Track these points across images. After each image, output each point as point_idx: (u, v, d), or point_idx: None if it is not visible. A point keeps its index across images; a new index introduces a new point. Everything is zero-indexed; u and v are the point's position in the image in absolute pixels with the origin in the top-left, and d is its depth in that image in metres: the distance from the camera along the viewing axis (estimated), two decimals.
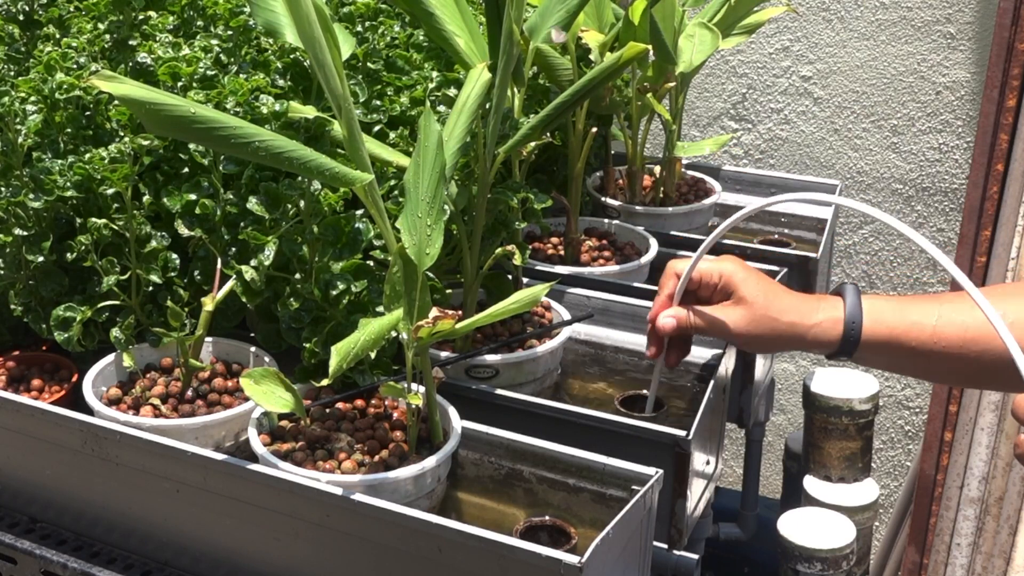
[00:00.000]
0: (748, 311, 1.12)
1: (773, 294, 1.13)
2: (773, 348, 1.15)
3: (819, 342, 1.11)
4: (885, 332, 1.09)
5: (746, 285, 1.12)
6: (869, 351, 1.10)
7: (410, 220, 1.06)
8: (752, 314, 1.12)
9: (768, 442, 2.51)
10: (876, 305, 1.11)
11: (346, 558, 1.03)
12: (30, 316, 1.29)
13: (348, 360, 0.98)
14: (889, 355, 1.10)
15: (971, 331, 1.06)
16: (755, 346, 1.15)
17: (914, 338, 1.08)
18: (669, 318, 1.16)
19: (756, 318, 1.12)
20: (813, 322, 1.11)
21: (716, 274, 1.14)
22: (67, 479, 1.18)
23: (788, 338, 1.12)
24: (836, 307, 1.11)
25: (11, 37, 1.50)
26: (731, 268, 1.14)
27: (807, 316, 1.11)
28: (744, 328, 1.12)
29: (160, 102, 0.93)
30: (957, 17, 2.41)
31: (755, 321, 1.12)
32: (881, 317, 1.09)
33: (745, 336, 1.13)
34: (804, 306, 1.12)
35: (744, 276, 1.14)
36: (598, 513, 1.08)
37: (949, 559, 2.31)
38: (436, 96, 1.42)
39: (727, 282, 1.14)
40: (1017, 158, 2.20)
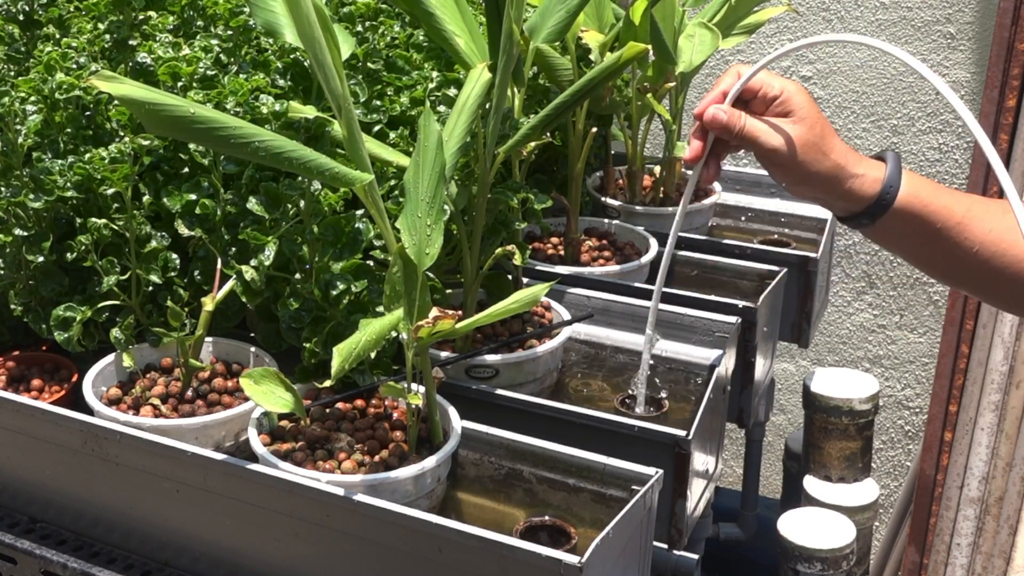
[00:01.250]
0: (802, 133, 1.05)
1: (828, 128, 1.07)
2: (808, 184, 1.07)
3: (853, 195, 1.06)
4: (918, 205, 1.05)
5: (806, 109, 1.06)
6: (896, 220, 1.06)
7: (410, 220, 1.06)
8: (804, 138, 1.05)
9: (768, 442, 2.51)
10: (914, 178, 1.07)
11: (346, 558, 1.03)
12: (30, 316, 1.29)
13: (350, 361, 0.98)
14: (913, 230, 1.07)
15: (994, 233, 1.05)
16: (794, 175, 1.07)
17: (942, 220, 1.05)
18: (720, 112, 1.06)
19: (807, 144, 1.05)
20: (855, 172, 1.05)
21: (778, 88, 1.06)
22: (67, 479, 1.18)
23: (826, 178, 1.06)
24: (879, 168, 1.07)
25: (11, 37, 1.50)
26: (794, 88, 1.07)
27: (852, 164, 1.06)
28: (792, 150, 1.04)
29: (160, 102, 0.93)
30: (957, 17, 2.41)
31: (805, 147, 1.05)
32: (917, 190, 1.06)
33: (790, 161, 1.05)
34: (852, 155, 1.07)
35: (806, 100, 1.06)
36: (598, 513, 1.08)
37: (949, 559, 2.31)
38: (436, 96, 1.42)
39: (787, 99, 1.06)
40: (1017, 158, 2.20)
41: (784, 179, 1.09)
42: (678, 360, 1.39)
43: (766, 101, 1.07)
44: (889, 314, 2.64)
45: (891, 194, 1.05)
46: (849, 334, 2.70)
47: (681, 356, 1.39)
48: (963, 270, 1.08)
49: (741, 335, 1.41)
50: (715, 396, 1.28)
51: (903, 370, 2.67)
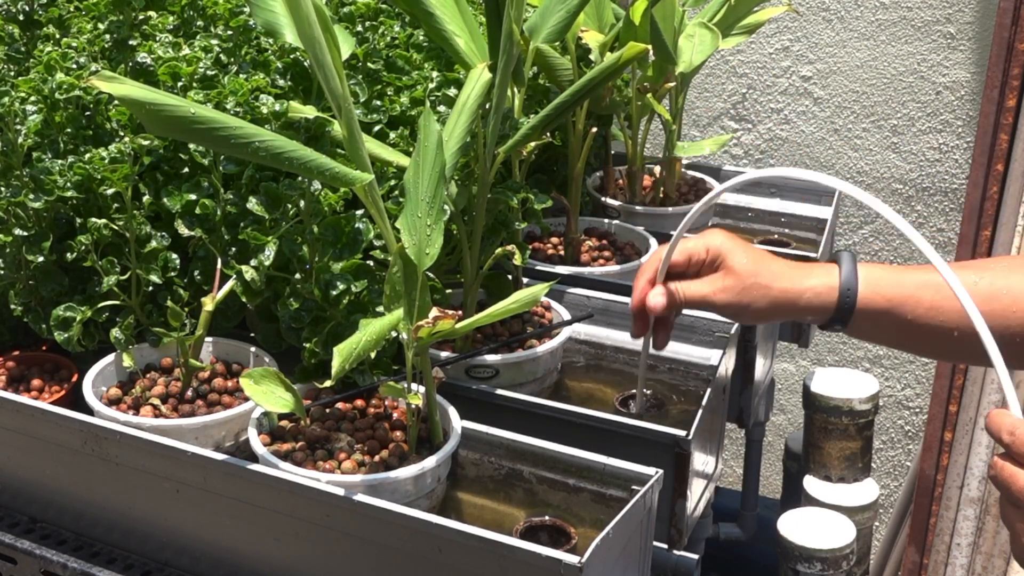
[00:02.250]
0: (737, 281, 1.08)
1: (763, 261, 1.09)
2: (766, 317, 1.11)
3: (812, 308, 1.07)
4: (882, 302, 1.05)
5: (734, 255, 1.09)
6: (865, 320, 1.06)
7: (410, 220, 1.06)
8: (742, 283, 1.08)
9: (768, 442, 2.50)
10: (873, 273, 1.07)
11: (346, 558, 1.03)
12: (30, 316, 1.29)
13: (351, 361, 0.98)
14: (885, 326, 1.07)
15: None
16: (748, 316, 1.10)
17: (910, 310, 1.04)
18: (659, 297, 1.11)
19: (746, 287, 1.08)
20: (806, 286, 1.07)
21: (703, 249, 1.10)
22: (67, 479, 1.18)
23: (780, 305, 1.08)
24: (831, 273, 1.07)
25: (11, 37, 1.50)
26: (718, 240, 1.11)
27: (799, 281, 1.07)
28: (734, 298, 1.08)
29: (160, 102, 0.93)
30: (957, 17, 2.41)
31: (745, 290, 1.08)
32: (878, 286, 1.05)
33: (736, 306, 1.09)
34: (796, 272, 1.08)
35: (732, 246, 1.10)
36: (598, 513, 1.08)
37: (949, 559, 2.31)
38: (436, 96, 1.42)
39: (715, 255, 1.10)
40: (1017, 158, 2.20)
41: (742, 321, 1.14)
42: (678, 360, 1.39)
43: (699, 263, 1.11)
44: None
45: (851, 298, 1.05)
46: None
47: (681, 356, 1.39)
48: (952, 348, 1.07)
49: (741, 335, 1.41)
50: (715, 396, 1.28)
51: (903, 370, 2.67)
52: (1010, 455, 0.83)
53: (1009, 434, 0.82)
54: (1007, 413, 0.84)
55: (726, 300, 1.09)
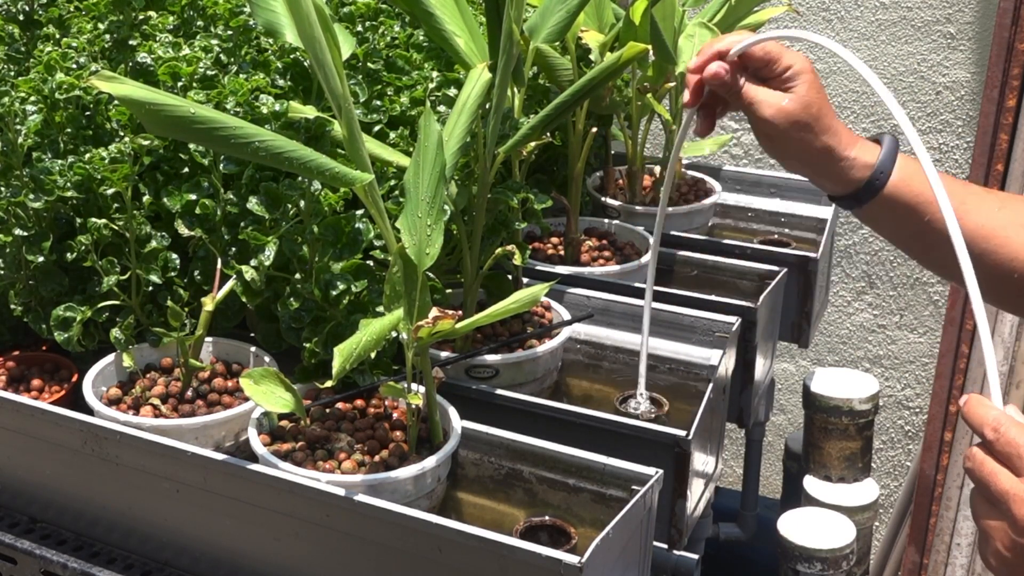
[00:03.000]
0: (795, 110, 1.03)
1: (826, 109, 1.05)
2: (795, 160, 1.08)
3: (841, 177, 1.05)
4: (908, 195, 1.04)
5: (807, 87, 1.04)
6: (885, 207, 1.05)
7: (410, 220, 1.06)
8: (798, 116, 1.04)
9: (768, 442, 2.50)
10: (908, 165, 1.05)
11: (346, 558, 1.03)
12: (30, 316, 1.29)
13: (351, 361, 0.98)
14: (901, 220, 1.06)
15: (985, 228, 1.03)
16: (781, 149, 1.07)
17: (932, 212, 1.03)
18: (721, 69, 1.05)
19: (798, 121, 1.04)
20: (845, 155, 1.04)
21: (786, 62, 1.05)
22: (67, 479, 1.18)
23: (814, 158, 1.05)
24: (871, 151, 1.05)
25: (11, 37, 1.50)
26: (802, 65, 1.06)
27: (844, 147, 1.05)
28: (783, 123, 1.04)
29: (160, 102, 0.93)
30: (957, 17, 2.41)
31: (797, 124, 1.04)
32: (909, 179, 1.04)
33: (779, 133, 1.05)
34: (845, 136, 1.05)
35: (810, 79, 1.05)
36: (598, 513, 1.08)
37: (949, 559, 2.31)
38: (436, 96, 1.42)
39: (792, 75, 1.04)
40: (1017, 158, 2.20)
41: (772, 152, 1.09)
42: (678, 360, 1.39)
43: (772, 72, 1.06)
44: (889, 314, 2.64)
45: (880, 180, 1.04)
46: (849, 334, 2.70)
47: (681, 356, 1.39)
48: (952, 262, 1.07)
49: (741, 335, 1.41)
50: (715, 396, 1.28)
51: (903, 370, 2.67)
52: (991, 452, 0.80)
53: (993, 430, 0.79)
54: (990, 405, 0.81)
55: (775, 118, 1.04)
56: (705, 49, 1.06)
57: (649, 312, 1.24)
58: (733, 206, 1.91)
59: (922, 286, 2.58)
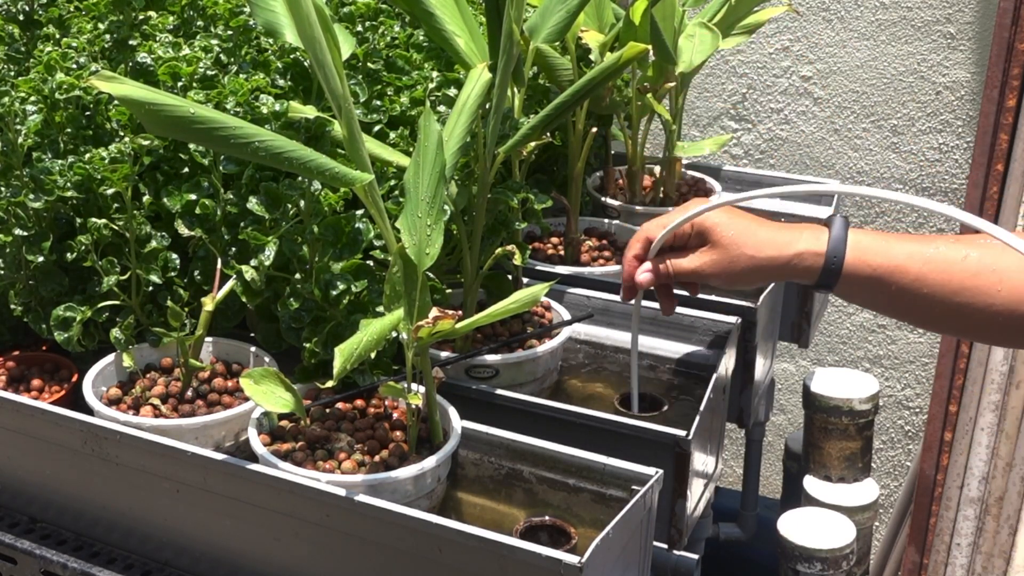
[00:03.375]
0: (723, 253, 1.11)
1: (748, 231, 1.11)
2: (757, 282, 1.14)
3: (800, 273, 1.09)
4: (868, 270, 1.06)
5: (719, 228, 1.11)
6: (851, 286, 1.08)
7: (410, 220, 1.06)
8: (728, 255, 1.11)
9: (768, 442, 2.51)
10: (862, 241, 1.08)
11: (346, 558, 1.03)
12: (30, 316, 1.29)
13: (352, 361, 0.98)
14: (871, 293, 1.08)
15: (955, 280, 1.04)
16: (738, 283, 1.13)
17: (897, 280, 1.05)
18: (646, 273, 1.16)
19: (732, 258, 1.11)
20: (793, 252, 1.09)
21: (687, 225, 1.14)
22: (67, 479, 1.18)
23: (768, 271, 1.11)
24: (819, 238, 1.09)
25: (11, 37, 1.50)
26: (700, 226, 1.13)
27: (786, 248, 1.09)
28: (722, 270, 1.12)
29: (160, 102, 0.93)
30: (957, 17, 2.41)
31: (732, 261, 1.11)
32: (865, 254, 1.06)
33: (724, 277, 1.12)
34: (783, 237, 1.10)
35: (716, 221, 1.12)
36: (598, 513, 1.08)
37: (949, 559, 2.31)
38: (436, 96, 1.42)
39: (700, 229, 1.13)
40: (1017, 158, 2.20)
41: (732, 288, 1.17)
42: (678, 360, 1.39)
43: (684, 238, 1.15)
44: None
45: (836, 265, 1.07)
46: (849, 334, 2.70)
47: (681, 356, 1.39)
48: (932, 319, 1.08)
49: (741, 335, 1.41)
50: (715, 396, 1.28)
51: (903, 370, 2.67)
52: None
53: None
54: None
55: (715, 272, 1.12)
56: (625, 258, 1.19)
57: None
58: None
59: None
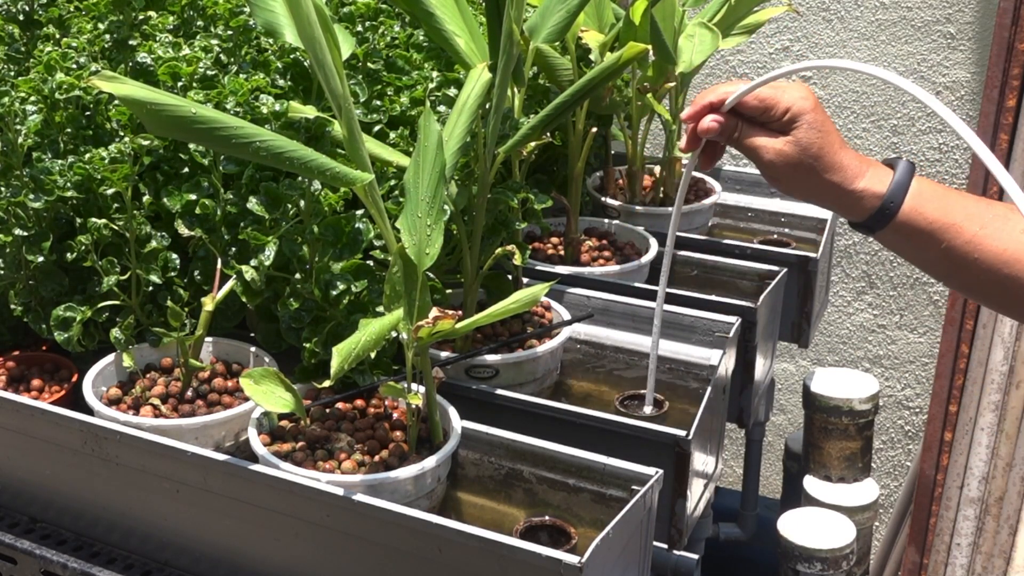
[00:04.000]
0: (796, 153, 1.05)
1: (828, 147, 1.06)
2: (806, 198, 1.10)
3: (853, 209, 1.06)
4: (922, 223, 1.03)
5: (807, 129, 1.05)
6: (899, 234, 1.05)
7: (410, 220, 1.06)
8: (799, 159, 1.05)
9: (768, 442, 2.50)
10: (923, 191, 1.04)
11: (346, 558, 1.03)
12: (30, 316, 1.29)
13: (350, 361, 0.98)
14: (919, 247, 1.05)
15: (1008, 252, 1.01)
16: (789, 188, 1.09)
17: (949, 239, 1.02)
18: (712, 123, 1.07)
19: (800, 163, 1.05)
20: (853, 188, 1.05)
21: (782, 106, 1.07)
22: (67, 479, 1.18)
23: (822, 194, 1.07)
24: (883, 180, 1.05)
25: (11, 37, 1.50)
26: (802, 106, 1.07)
27: (850, 180, 1.05)
28: (785, 167, 1.06)
29: (162, 103, 0.93)
30: (957, 17, 2.41)
31: (799, 165, 1.05)
32: (922, 207, 1.03)
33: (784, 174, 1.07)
34: (852, 169, 1.06)
35: (812, 119, 1.06)
36: (598, 513, 1.08)
37: (949, 559, 2.31)
38: (436, 96, 1.42)
39: (791, 116, 1.06)
40: (1017, 158, 2.20)
41: (780, 189, 1.11)
42: (678, 360, 1.39)
43: (771, 118, 1.07)
44: (889, 314, 2.64)
45: (890, 210, 1.04)
46: (849, 334, 2.70)
47: (681, 356, 1.39)
48: (976, 285, 1.05)
49: (741, 335, 1.41)
50: (715, 396, 1.28)
51: (903, 370, 2.67)
52: None
53: None
54: None
55: (778, 164, 1.06)
56: (698, 99, 1.09)
57: (659, 323, 1.24)
58: (733, 206, 1.91)
59: (922, 286, 2.58)
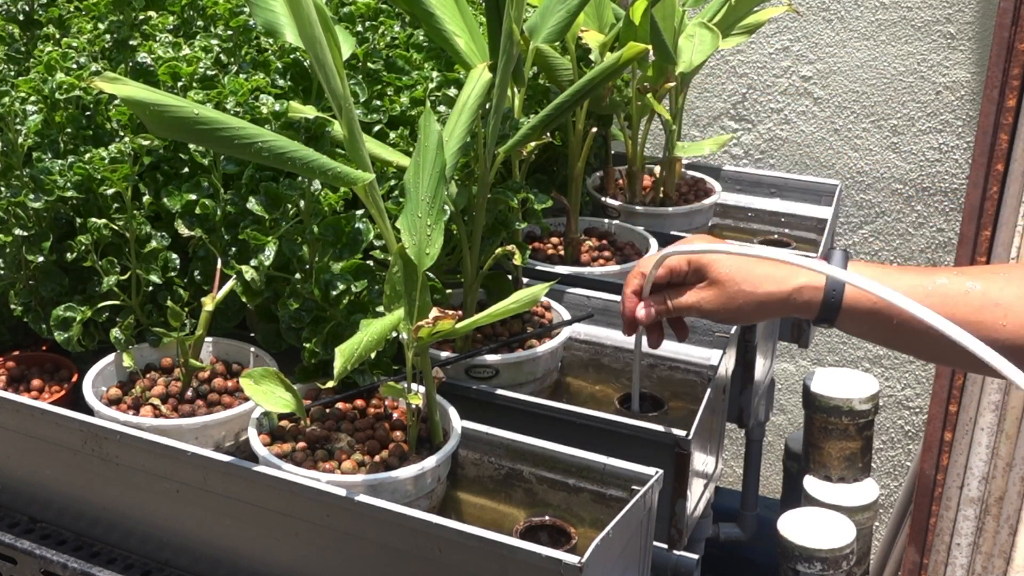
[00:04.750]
0: (722, 290, 1.11)
1: (745, 267, 1.10)
2: (757, 318, 1.14)
3: (800, 308, 1.09)
4: (868, 304, 1.06)
5: (716, 265, 1.11)
6: (852, 320, 1.08)
7: (410, 220, 1.06)
8: (726, 292, 1.10)
9: (768, 442, 2.51)
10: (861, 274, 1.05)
11: (346, 558, 1.03)
12: (30, 316, 1.29)
13: (352, 361, 0.98)
14: (872, 327, 1.08)
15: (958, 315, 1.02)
16: (738, 320, 1.14)
17: (898, 315, 1.04)
18: (643, 310, 1.15)
19: (731, 295, 1.10)
20: (792, 287, 1.09)
21: (684, 262, 1.14)
22: (67, 479, 1.18)
23: (768, 307, 1.10)
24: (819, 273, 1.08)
25: (11, 37, 1.50)
26: (699, 262, 1.13)
27: (784, 283, 1.09)
28: (721, 306, 1.11)
29: (163, 103, 0.93)
30: (957, 17, 2.41)
31: (731, 298, 1.10)
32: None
33: (724, 313, 1.12)
34: (781, 272, 1.09)
35: (712, 258, 1.12)
36: (598, 513, 1.08)
37: (949, 559, 2.31)
38: (436, 96, 1.42)
39: (696, 266, 1.13)
40: (1017, 158, 2.20)
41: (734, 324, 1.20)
42: (678, 360, 1.39)
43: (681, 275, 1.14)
44: None
45: (836, 299, 1.07)
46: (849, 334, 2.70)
47: (681, 356, 1.39)
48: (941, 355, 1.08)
49: (741, 335, 1.41)
50: (715, 396, 1.28)
51: (903, 370, 2.67)
52: None
53: None
54: None
55: (714, 308, 1.12)
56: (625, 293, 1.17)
57: None
58: (733, 206, 1.91)
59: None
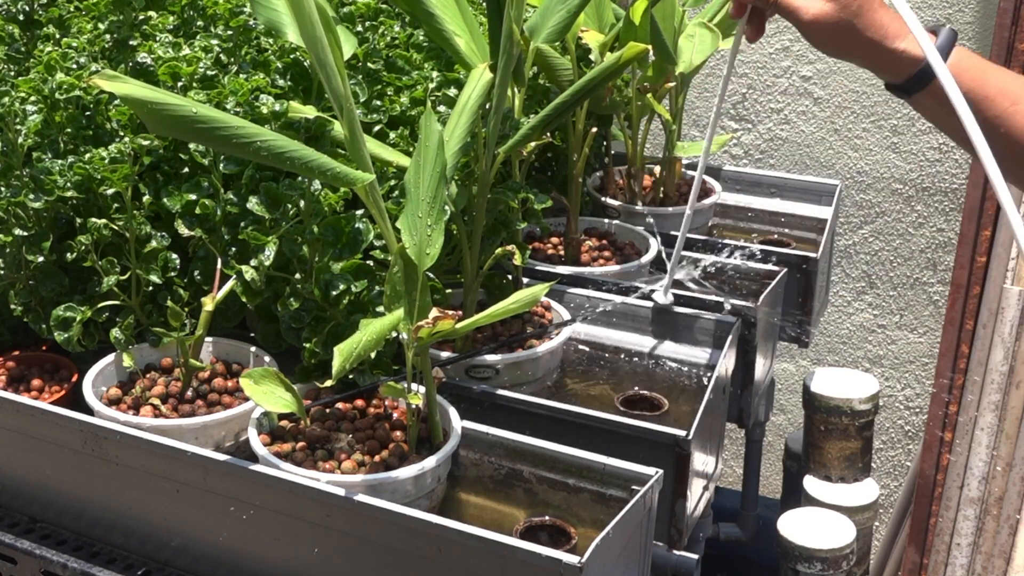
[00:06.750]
0: (835, 12, 1.05)
1: (867, 4, 1.06)
2: (843, 56, 1.11)
3: (891, 69, 1.07)
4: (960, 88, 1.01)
5: None
6: (934, 100, 1.05)
7: (410, 220, 1.06)
8: (838, 17, 1.06)
9: (768, 442, 2.50)
10: (962, 61, 1.05)
11: (346, 558, 1.03)
12: (30, 316, 1.29)
13: (351, 361, 0.98)
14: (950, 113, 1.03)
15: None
16: (826, 46, 1.09)
17: (981, 111, 1.02)
18: None
19: (840, 22, 1.06)
20: (893, 47, 1.05)
21: None
22: (67, 479, 1.18)
23: (862, 53, 1.07)
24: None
25: (11, 37, 1.50)
26: None
27: (890, 39, 1.06)
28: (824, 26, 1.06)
29: (163, 102, 0.93)
30: (957, 17, 2.41)
31: (838, 24, 1.06)
32: (959, 76, 1.02)
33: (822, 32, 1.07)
34: (892, 28, 1.06)
35: None
36: (598, 513, 1.08)
37: (949, 559, 2.31)
38: (436, 96, 1.42)
39: None
40: None
41: (820, 49, 1.10)
42: (678, 360, 1.39)
43: None
44: (889, 314, 2.64)
45: (928, 74, 1.03)
46: (849, 334, 2.70)
47: (681, 356, 1.39)
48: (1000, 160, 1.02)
49: (741, 335, 1.41)
50: (715, 396, 1.28)
51: (903, 370, 2.67)
52: None
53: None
54: None
55: (816, 21, 1.07)
56: None
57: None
58: (733, 206, 1.90)
59: (922, 286, 2.58)
